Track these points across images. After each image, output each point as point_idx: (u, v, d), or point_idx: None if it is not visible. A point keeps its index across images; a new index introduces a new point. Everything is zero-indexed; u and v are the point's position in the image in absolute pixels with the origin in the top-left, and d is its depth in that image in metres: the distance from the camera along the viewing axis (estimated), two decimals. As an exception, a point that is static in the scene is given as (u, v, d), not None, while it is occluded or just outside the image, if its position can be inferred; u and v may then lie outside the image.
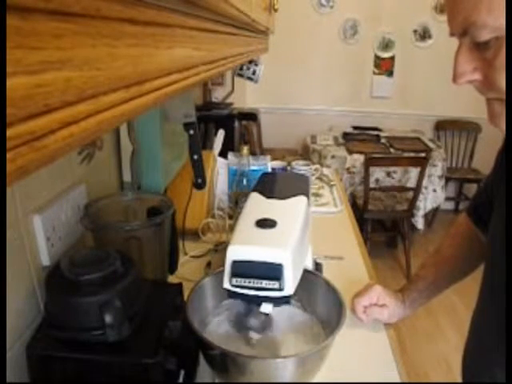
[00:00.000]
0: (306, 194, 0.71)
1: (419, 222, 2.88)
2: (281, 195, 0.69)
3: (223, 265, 0.61)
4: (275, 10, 1.20)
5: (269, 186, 0.73)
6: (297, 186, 0.73)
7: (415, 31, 3.51)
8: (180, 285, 0.77)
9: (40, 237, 0.70)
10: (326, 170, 1.92)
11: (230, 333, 0.75)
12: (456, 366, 2.26)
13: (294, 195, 0.69)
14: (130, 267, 0.64)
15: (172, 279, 0.98)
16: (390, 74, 3.63)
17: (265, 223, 0.60)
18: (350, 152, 2.90)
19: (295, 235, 0.60)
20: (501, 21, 0.40)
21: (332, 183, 1.77)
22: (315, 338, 0.74)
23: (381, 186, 2.83)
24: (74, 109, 0.19)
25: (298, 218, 0.64)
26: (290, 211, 0.65)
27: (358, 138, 3.26)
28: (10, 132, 0.15)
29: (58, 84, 0.17)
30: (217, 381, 0.74)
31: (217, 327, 0.77)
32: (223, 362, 0.64)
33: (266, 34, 1.17)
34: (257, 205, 0.67)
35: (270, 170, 1.44)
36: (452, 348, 2.23)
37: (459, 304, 2.54)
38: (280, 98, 3.68)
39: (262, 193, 0.69)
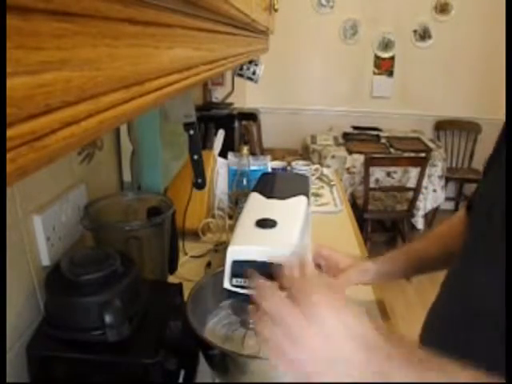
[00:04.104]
0: (306, 194, 0.71)
1: (419, 222, 2.88)
2: (281, 195, 0.69)
3: (223, 265, 0.61)
4: (275, 10, 1.20)
5: (269, 186, 0.73)
6: (297, 186, 0.73)
7: (415, 31, 3.51)
8: (180, 285, 0.77)
9: (40, 237, 0.70)
10: (325, 170, 1.92)
11: (230, 333, 0.75)
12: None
13: (294, 195, 0.69)
14: (130, 267, 0.64)
15: (172, 279, 0.98)
16: (390, 74, 3.63)
17: (265, 223, 0.60)
18: (350, 152, 2.90)
19: (296, 235, 0.60)
20: None
21: (332, 183, 1.77)
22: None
23: (381, 186, 2.83)
24: (74, 109, 0.19)
25: (298, 218, 0.64)
26: (290, 211, 0.65)
27: (357, 137, 3.26)
28: (10, 132, 0.15)
29: (58, 84, 0.17)
30: (217, 381, 0.74)
31: (217, 327, 0.77)
32: (224, 362, 0.64)
33: (266, 33, 1.17)
34: (257, 205, 0.67)
35: (270, 170, 1.43)
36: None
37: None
38: (280, 98, 3.68)
39: (261, 193, 0.69)
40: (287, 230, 0.60)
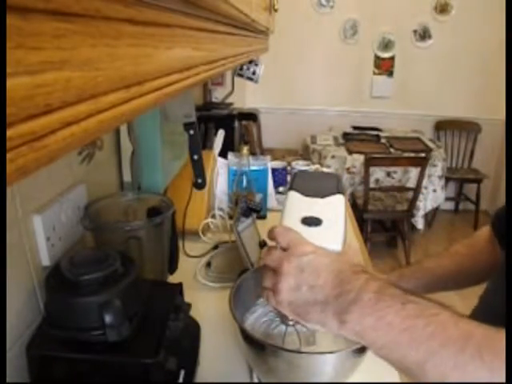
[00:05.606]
0: (343, 193, 0.71)
1: (419, 222, 2.88)
2: (319, 194, 0.68)
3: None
4: (275, 10, 1.20)
5: (305, 184, 0.73)
6: (331, 185, 0.72)
7: (415, 31, 3.51)
8: (180, 285, 0.77)
9: (40, 237, 0.70)
10: (326, 170, 1.92)
11: (270, 330, 0.76)
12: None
13: (332, 193, 0.69)
14: (130, 267, 0.64)
15: (172, 279, 0.98)
16: (390, 74, 3.63)
17: (310, 221, 0.60)
18: (350, 152, 2.90)
19: (341, 232, 0.60)
20: None
21: (332, 183, 1.77)
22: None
23: (381, 186, 2.83)
24: (74, 109, 0.19)
25: (340, 215, 0.64)
26: (332, 209, 0.65)
27: (357, 138, 3.26)
28: (10, 132, 0.15)
29: (58, 84, 0.17)
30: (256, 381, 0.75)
31: (256, 323, 0.78)
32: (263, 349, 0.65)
33: (266, 34, 1.17)
34: (298, 203, 0.66)
35: (270, 170, 1.43)
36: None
37: (460, 305, 2.54)
38: (280, 97, 3.68)
39: (300, 191, 0.69)
40: (332, 227, 0.60)
